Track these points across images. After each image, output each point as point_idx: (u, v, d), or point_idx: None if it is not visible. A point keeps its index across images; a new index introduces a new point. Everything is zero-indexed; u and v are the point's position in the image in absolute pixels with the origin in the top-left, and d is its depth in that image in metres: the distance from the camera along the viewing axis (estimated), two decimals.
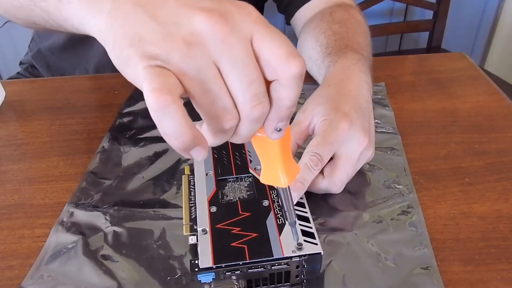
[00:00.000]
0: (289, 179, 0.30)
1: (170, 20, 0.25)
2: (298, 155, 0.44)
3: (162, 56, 0.25)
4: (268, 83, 0.26)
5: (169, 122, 0.24)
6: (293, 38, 0.71)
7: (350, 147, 0.41)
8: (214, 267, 0.32)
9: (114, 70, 0.70)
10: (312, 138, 0.42)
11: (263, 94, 0.26)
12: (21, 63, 0.86)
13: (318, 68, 0.55)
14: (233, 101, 0.26)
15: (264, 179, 0.31)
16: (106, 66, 0.75)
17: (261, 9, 0.83)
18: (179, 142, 0.25)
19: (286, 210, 0.32)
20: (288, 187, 0.31)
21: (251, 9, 0.26)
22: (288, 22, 0.73)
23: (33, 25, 0.47)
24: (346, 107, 0.42)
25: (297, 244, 0.33)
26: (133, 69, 0.26)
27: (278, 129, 0.27)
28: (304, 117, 0.43)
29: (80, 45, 0.76)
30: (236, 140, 0.28)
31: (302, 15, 0.68)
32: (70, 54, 0.78)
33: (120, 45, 0.27)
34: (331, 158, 0.41)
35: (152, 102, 0.24)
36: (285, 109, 0.26)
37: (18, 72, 0.86)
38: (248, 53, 0.25)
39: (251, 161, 0.42)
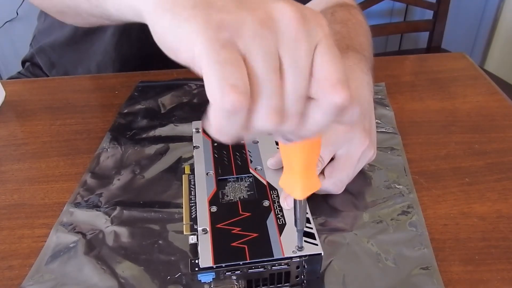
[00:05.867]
0: (305, 193, 0.29)
1: None
2: None
3: (233, 26, 0.22)
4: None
5: (235, 124, 0.22)
6: None
7: (351, 148, 0.41)
8: (214, 267, 0.32)
9: (115, 69, 0.70)
10: None
11: (300, 113, 0.24)
12: (23, 62, 0.86)
13: None
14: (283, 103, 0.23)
15: (282, 183, 0.30)
16: (108, 65, 0.76)
17: None
18: (230, 140, 0.23)
19: (298, 218, 0.31)
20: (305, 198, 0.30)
21: (325, 22, 0.25)
22: None
23: (67, 9, 0.46)
24: None
25: (298, 245, 0.33)
26: (189, 32, 0.22)
27: (287, 138, 0.25)
28: None
29: (82, 42, 0.76)
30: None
31: None
32: (72, 51, 0.78)
33: (181, 5, 0.23)
34: (332, 159, 0.41)
35: (230, 102, 0.21)
36: (307, 132, 0.24)
37: (19, 72, 0.86)
38: (310, 62, 0.23)
39: (251, 161, 0.43)
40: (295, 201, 0.31)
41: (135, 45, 0.73)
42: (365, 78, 0.48)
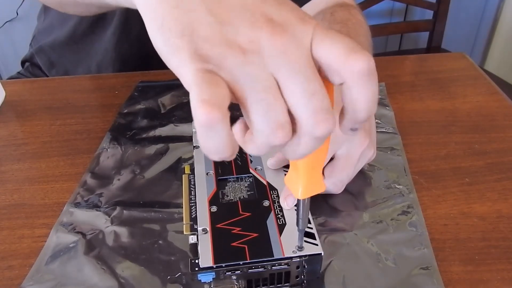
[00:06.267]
0: (307, 193, 0.29)
1: (229, 21, 0.24)
2: None
3: (216, 59, 0.23)
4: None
5: (214, 139, 0.23)
6: None
7: (350, 147, 0.41)
8: (214, 266, 0.32)
9: (115, 68, 0.70)
10: None
11: (327, 109, 0.23)
12: (22, 62, 0.86)
13: None
14: (289, 118, 0.24)
15: (287, 181, 0.31)
16: (108, 64, 0.76)
17: None
18: (218, 157, 0.24)
19: (300, 217, 0.31)
20: (308, 198, 0.31)
21: (309, 17, 0.25)
22: None
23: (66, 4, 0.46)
24: None
25: (298, 245, 0.33)
26: (179, 63, 0.24)
27: (354, 128, 0.26)
28: None
29: (82, 42, 0.76)
30: (290, 156, 0.26)
31: None
32: (72, 51, 0.78)
33: (169, 30, 0.25)
34: (332, 159, 0.41)
35: (201, 116, 0.22)
36: (361, 113, 0.24)
37: (19, 72, 0.86)
38: (308, 62, 0.23)
39: (251, 161, 0.43)
40: (298, 201, 0.31)
41: (135, 45, 0.73)
42: None
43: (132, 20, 0.71)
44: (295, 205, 0.37)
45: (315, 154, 0.27)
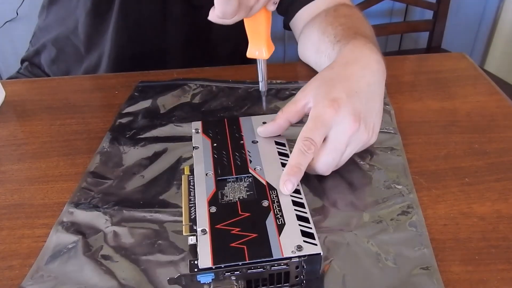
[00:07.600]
0: (269, 52, 0.45)
1: None
2: (291, 143, 0.43)
3: None
4: None
5: (232, 4, 0.33)
6: (293, 41, 0.71)
7: (338, 131, 0.41)
8: (213, 267, 0.32)
9: (112, 69, 0.72)
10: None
11: None
12: (22, 61, 0.86)
13: (328, 57, 0.55)
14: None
15: (250, 53, 0.45)
16: (106, 57, 0.76)
17: None
18: (230, 19, 0.37)
19: (261, 80, 0.44)
20: (264, 60, 0.46)
21: None
22: (286, 25, 0.72)
23: None
24: (338, 92, 0.42)
25: (297, 245, 0.33)
26: None
27: (275, 1, 0.39)
28: (301, 96, 0.44)
29: (83, 37, 0.76)
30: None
31: (303, 15, 0.68)
32: (74, 46, 0.78)
33: None
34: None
35: None
36: None
37: (18, 71, 0.86)
38: None
39: (251, 161, 0.43)
40: (258, 64, 0.46)
41: (132, 38, 0.74)
42: (373, 57, 0.47)
43: (131, 17, 0.72)
44: (293, 192, 0.38)
45: (269, 21, 0.43)
